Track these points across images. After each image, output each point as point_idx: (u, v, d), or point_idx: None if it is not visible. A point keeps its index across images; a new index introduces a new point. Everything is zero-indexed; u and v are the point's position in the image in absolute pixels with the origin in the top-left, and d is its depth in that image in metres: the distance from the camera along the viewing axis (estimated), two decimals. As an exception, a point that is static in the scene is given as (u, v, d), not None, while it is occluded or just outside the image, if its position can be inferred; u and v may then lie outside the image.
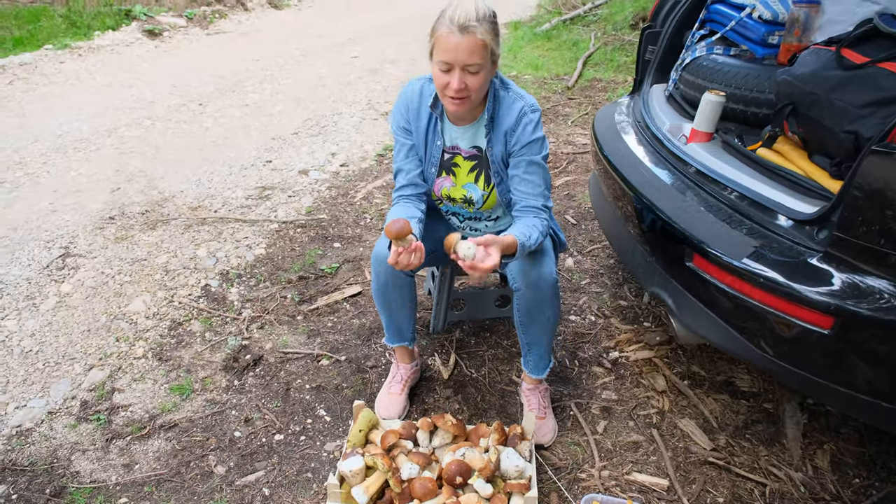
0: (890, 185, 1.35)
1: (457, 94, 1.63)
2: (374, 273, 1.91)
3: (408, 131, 1.88)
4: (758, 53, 2.13)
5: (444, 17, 1.62)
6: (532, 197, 1.80)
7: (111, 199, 3.54)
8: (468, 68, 1.62)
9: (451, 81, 1.63)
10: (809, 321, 1.45)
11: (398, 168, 1.92)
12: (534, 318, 1.87)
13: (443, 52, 1.62)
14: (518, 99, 1.79)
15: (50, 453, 1.97)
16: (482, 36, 1.60)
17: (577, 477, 1.87)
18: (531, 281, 1.79)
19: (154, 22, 7.74)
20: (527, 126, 1.76)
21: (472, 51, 1.60)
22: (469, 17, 1.58)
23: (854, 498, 1.79)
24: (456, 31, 1.58)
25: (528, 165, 1.78)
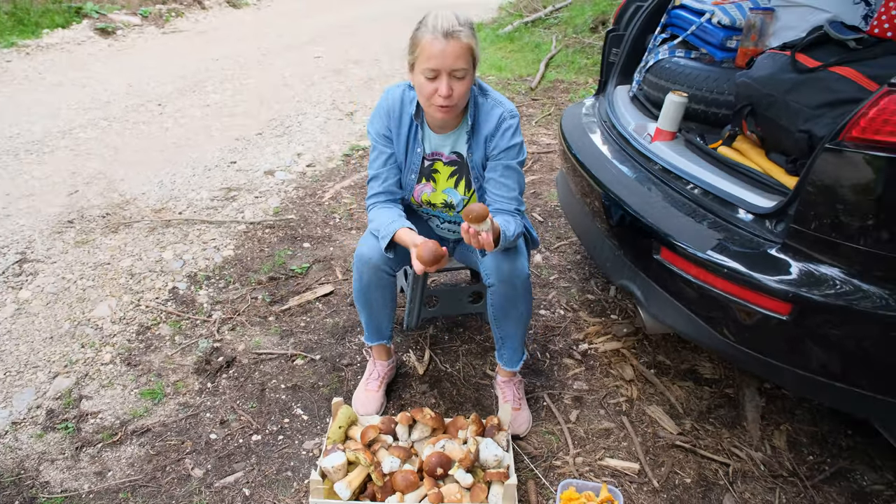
0: (841, 180, 1.45)
1: (445, 101, 1.66)
2: (357, 274, 1.92)
3: (388, 139, 1.90)
4: (717, 57, 2.23)
5: (425, 26, 1.66)
6: (506, 201, 1.85)
7: (69, 202, 3.44)
8: (455, 73, 1.65)
9: (439, 88, 1.65)
10: (769, 308, 1.54)
11: (375, 174, 1.94)
12: (507, 313, 1.92)
13: (429, 59, 1.64)
14: (497, 105, 1.84)
15: (16, 465, 1.91)
16: (467, 40, 1.64)
17: (553, 464, 1.92)
18: (504, 277, 1.84)
19: (107, 20, 7.52)
20: (506, 132, 1.81)
21: (458, 55, 1.63)
22: (452, 23, 1.63)
23: (809, 473, 1.90)
24: (441, 38, 1.61)
25: (504, 169, 1.83)
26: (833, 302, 1.46)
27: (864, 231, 1.42)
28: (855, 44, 1.65)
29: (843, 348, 1.53)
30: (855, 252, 1.44)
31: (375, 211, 1.91)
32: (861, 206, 1.41)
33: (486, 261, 1.86)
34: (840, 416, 2.09)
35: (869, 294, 1.43)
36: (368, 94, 5.66)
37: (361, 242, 1.91)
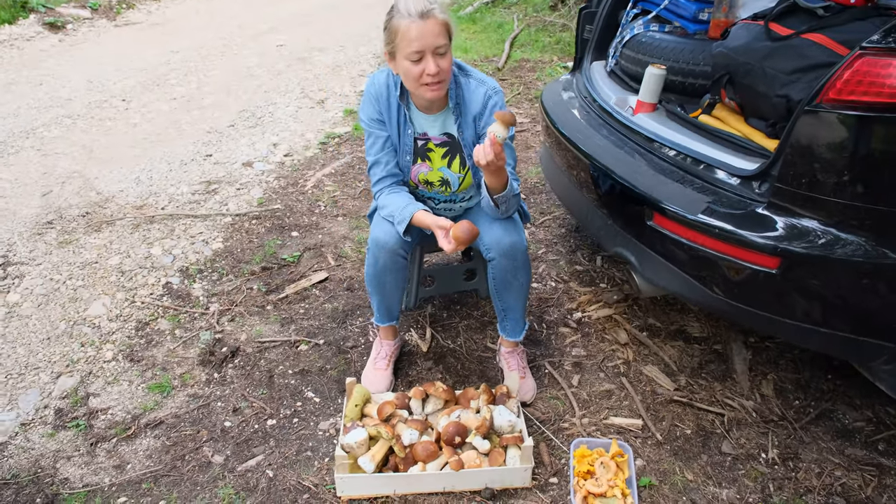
0: (820, 140, 1.55)
1: (435, 79, 1.71)
2: (373, 258, 1.96)
3: (381, 122, 1.94)
4: (690, 29, 2.33)
5: (398, 12, 1.69)
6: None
7: (44, 202, 3.37)
8: (438, 51, 1.71)
9: (426, 67, 1.70)
10: (759, 263, 1.65)
11: (375, 160, 1.98)
12: (509, 285, 1.99)
13: (411, 42, 1.68)
14: (480, 84, 1.89)
15: (32, 464, 1.92)
16: (442, 16, 1.70)
17: (561, 427, 2.02)
18: (505, 249, 1.91)
19: (55, 14, 7.24)
20: (493, 108, 1.87)
21: (438, 33, 1.69)
22: (423, 3, 1.67)
23: (796, 417, 2.04)
24: (418, 20, 1.66)
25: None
26: (818, 253, 1.58)
27: (844, 185, 1.53)
28: (823, 11, 1.76)
29: (826, 296, 1.65)
30: (836, 205, 1.55)
31: (384, 197, 1.95)
32: (839, 163, 1.52)
33: (486, 236, 1.93)
34: (819, 363, 2.24)
35: (850, 243, 1.55)
36: (337, 80, 5.63)
37: (375, 227, 1.95)
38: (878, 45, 1.43)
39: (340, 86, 5.49)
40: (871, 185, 1.51)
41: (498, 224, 1.92)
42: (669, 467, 1.88)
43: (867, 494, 1.78)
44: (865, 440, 1.96)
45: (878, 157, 1.49)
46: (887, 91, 1.41)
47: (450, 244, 1.75)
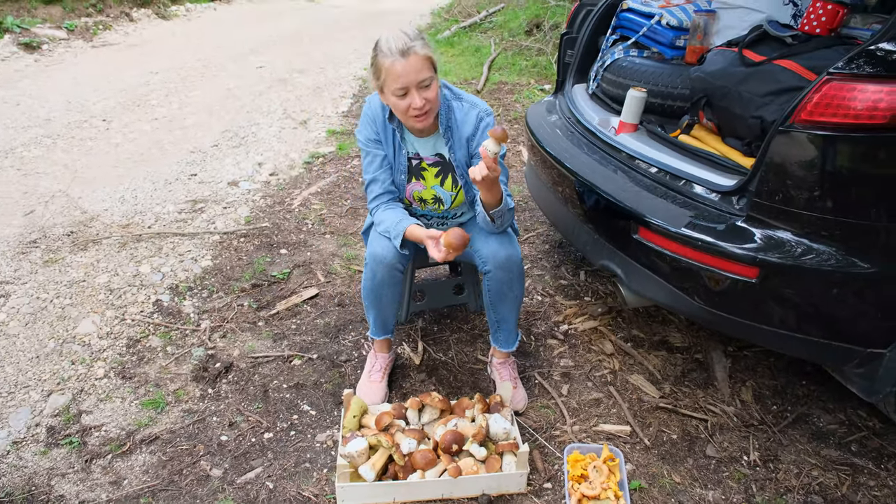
0: (791, 157, 1.67)
1: (420, 112, 1.80)
2: (371, 272, 2.01)
3: (378, 142, 2.02)
4: (667, 55, 2.47)
5: (380, 51, 1.78)
6: None
7: (27, 221, 3.34)
8: (422, 84, 1.79)
9: (412, 102, 1.79)
10: (739, 273, 1.76)
11: (372, 178, 2.05)
12: (504, 297, 2.07)
13: (396, 79, 1.76)
14: (472, 107, 1.98)
15: (25, 482, 1.90)
16: (423, 52, 1.77)
17: (553, 434, 2.09)
18: (501, 262, 1.99)
19: (30, 34, 7.20)
20: (486, 129, 1.95)
21: (420, 69, 1.77)
22: (404, 41, 1.74)
23: (775, 421, 2.14)
24: (399, 58, 1.74)
25: None
26: (793, 263, 1.69)
27: (815, 199, 1.64)
28: (791, 40, 1.90)
29: (801, 303, 1.76)
30: (809, 218, 1.67)
31: (380, 213, 2.02)
32: (811, 178, 1.64)
33: (483, 249, 2.01)
34: (794, 370, 2.35)
35: (822, 253, 1.66)
36: (318, 101, 5.70)
37: (373, 242, 2.01)
38: (844, 71, 1.56)
39: (322, 107, 5.56)
40: (839, 199, 1.63)
41: (494, 238, 1.99)
42: (658, 471, 1.95)
43: (843, 492, 1.88)
44: (839, 441, 2.06)
45: (845, 172, 1.61)
46: (852, 113, 1.53)
47: (440, 252, 1.81)
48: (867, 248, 1.63)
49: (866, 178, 1.59)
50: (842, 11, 1.93)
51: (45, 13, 7.91)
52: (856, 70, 1.55)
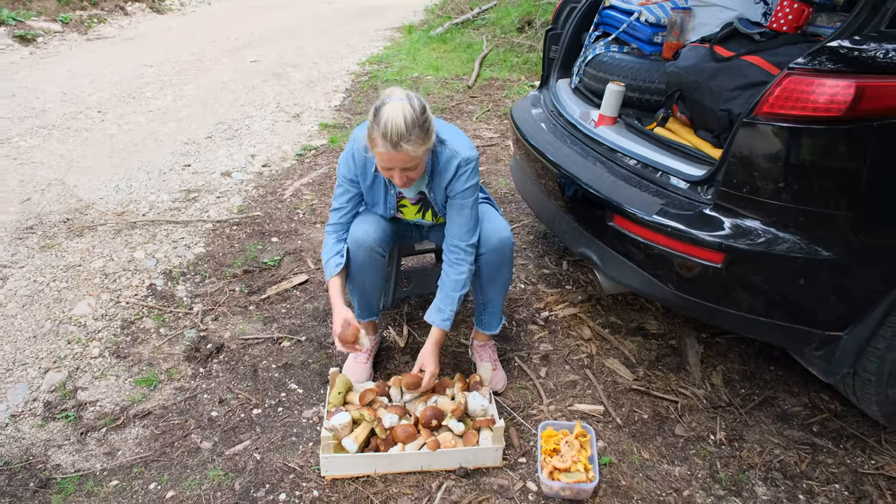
0: (755, 148, 1.76)
1: (401, 185, 1.88)
2: (352, 255, 2.09)
3: (354, 182, 2.07)
4: (646, 51, 2.56)
5: (377, 127, 1.73)
6: (458, 237, 2.02)
7: (24, 209, 3.41)
8: (406, 169, 1.82)
9: (393, 177, 1.85)
10: (706, 258, 1.85)
11: (339, 206, 2.11)
12: (493, 279, 2.15)
13: (381, 160, 1.81)
14: (454, 156, 1.95)
15: (23, 452, 1.98)
16: (413, 149, 1.75)
17: (529, 413, 2.18)
18: (494, 245, 2.07)
19: (25, 27, 7.24)
20: (461, 176, 1.96)
21: (407, 160, 1.79)
22: (400, 132, 1.71)
23: (742, 403, 2.24)
24: (390, 147, 1.74)
25: (460, 208, 2.00)
26: (756, 249, 1.78)
27: (778, 188, 1.74)
28: (759, 37, 1.99)
29: (764, 288, 1.86)
30: (772, 206, 1.76)
31: (327, 241, 2.12)
32: (773, 168, 1.74)
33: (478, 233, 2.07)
34: (764, 356, 2.45)
35: (785, 240, 1.76)
36: (311, 95, 5.77)
37: (354, 227, 2.09)
38: (803, 66, 1.65)
39: (315, 101, 5.63)
40: (800, 188, 1.72)
41: (488, 222, 2.07)
42: (628, 448, 2.05)
43: (802, 469, 1.98)
44: (802, 423, 2.16)
45: (804, 163, 1.70)
46: (810, 105, 1.63)
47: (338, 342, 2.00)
48: (826, 235, 1.73)
49: (824, 169, 1.69)
50: (807, 10, 2.02)
51: (40, 6, 7.95)
52: (814, 65, 1.64)
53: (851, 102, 1.56)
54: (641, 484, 1.92)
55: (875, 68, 1.58)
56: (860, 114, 1.57)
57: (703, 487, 1.91)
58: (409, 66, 6.68)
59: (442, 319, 2.06)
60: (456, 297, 2.06)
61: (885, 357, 1.84)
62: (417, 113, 1.75)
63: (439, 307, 2.07)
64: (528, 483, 1.90)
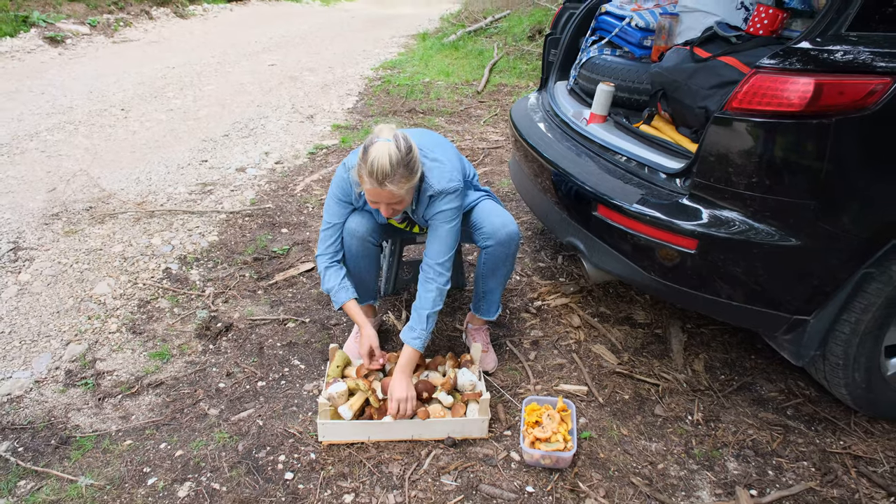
0: (726, 141, 1.88)
1: (387, 216, 2.02)
2: (346, 245, 2.23)
3: (348, 204, 2.21)
4: (636, 54, 2.70)
5: (364, 165, 1.86)
6: (431, 256, 2.11)
7: (50, 197, 3.62)
8: (391, 203, 1.95)
9: (380, 209, 1.99)
10: (682, 245, 1.98)
11: (331, 224, 2.21)
12: (496, 270, 2.27)
13: (368, 195, 1.95)
14: (427, 190, 2.04)
15: (46, 413, 2.15)
16: (397, 187, 1.87)
17: (517, 392, 2.31)
18: (502, 239, 2.18)
19: (55, 29, 7.55)
20: (434, 205, 2.08)
21: (391, 196, 1.91)
22: (384, 171, 1.83)
23: (721, 388, 2.35)
24: (376, 185, 1.87)
25: (435, 230, 2.11)
26: (728, 236, 1.90)
27: (747, 178, 1.86)
28: (735, 39, 2.12)
29: (735, 273, 1.97)
30: (742, 196, 1.88)
31: (327, 270, 2.21)
32: (742, 160, 1.86)
33: (485, 225, 2.18)
34: (745, 346, 2.56)
35: (754, 228, 1.88)
36: (325, 98, 5.97)
37: (349, 220, 2.22)
38: (770, 65, 1.78)
39: (329, 103, 5.82)
40: (767, 178, 1.84)
41: (496, 216, 2.19)
42: (608, 424, 2.17)
43: (773, 448, 2.08)
44: (777, 406, 2.27)
45: (771, 154, 1.82)
46: (775, 101, 1.75)
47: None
48: (791, 223, 1.84)
49: (788, 160, 1.81)
50: (781, 15, 2.15)
51: (70, 9, 8.28)
52: (780, 65, 1.77)
53: (811, 98, 1.69)
54: (619, 457, 2.04)
55: (834, 67, 1.70)
56: (819, 109, 1.69)
57: (678, 462, 2.03)
58: (421, 71, 6.87)
59: (412, 338, 2.08)
60: (425, 315, 2.09)
61: (851, 341, 1.95)
62: (403, 153, 1.86)
63: (411, 326, 2.11)
64: (512, 453, 2.03)
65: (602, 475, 1.95)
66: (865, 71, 1.69)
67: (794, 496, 1.89)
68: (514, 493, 1.88)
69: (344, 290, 2.20)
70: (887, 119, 1.68)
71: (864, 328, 1.92)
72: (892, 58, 1.69)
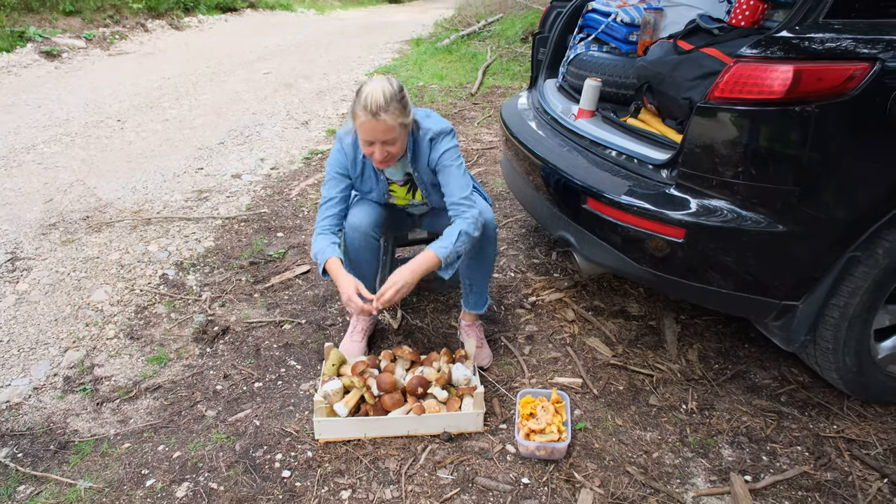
0: (710, 131, 1.91)
1: (380, 164, 2.06)
2: (349, 239, 2.26)
3: (345, 176, 2.24)
4: (623, 49, 2.73)
5: (359, 101, 1.95)
6: (453, 195, 2.13)
7: (47, 208, 3.65)
8: (386, 142, 2.01)
9: (374, 152, 2.03)
10: (670, 234, 1.99)
11: (330, 197, 2.23)
12: (477, 258, 2.29)
13: (363, 133, 1.99)
14: (426, 134, 2.13)
15: (44, 419, 2.17)
16: (391, 119, 1.94)
17: (512, 386, 2.32)
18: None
19: (51, 43, 7.60)
20: (436, 146, 2.14)
21: (386, 130, 1.96)
22: (378, 102, 1.91)
23: (715, 377, 2.36)
24: (370, 117, 1.93)
25: (447, 170, 2.15)
26: (715, 224, 1.92)
27: (732, 166, 1.88)
28: (718, 31, 2.14)
29: (724, 261, 1.99)
30: (727, 184, 1.90)
31: (316, 237, 2.20)
32: (726, 149, 1.88)
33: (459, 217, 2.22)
34: (739, 335, 2.57)
35: (741, 215, 1.89)
36: (320, 104, 6.01)
37: (350, 214, 2.26)
38: (751, 55, 1.81)
39: (324, 109, 5.86)
40: (752, 166, 1.86)
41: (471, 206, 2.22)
42: (603, 415, 2.18)
43: (767, 434, 2.10)
44: (770, 394, 2.28)
45: (755, 142, 1.84)
46: (756, 89, 1.77)
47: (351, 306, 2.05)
48: (776, 209, 1.86)
49: (771, 147, 1.83)
50: (762, 7, 2.18)
51: (66, 24, 8.34)
52: (760, 54, 1.79)
53: (791, 85, 1.71)
54: (614, 447, 2.05)
55: (812, 55, 1.73)
56: (800, 95, 1.71)
57: (672, 450, 2.04)
58: (415, 75, 6.91)
59: (439, 246, 2.06)
60: (457, 231, 2.06)
61: (840, 326, 1.96)
62: (395, 90, 1.96)
63: (440, 239, 2.09)
64: (508, 446, 2.05)
65: (597, 465, 1.96)
66: (844, 57, 1.72)
67: (788, 480, 1.90)
68: (510, 484, 1.89)
69: (331, 249, 2.16)
70: (866, 104, 1.70)
71: (853, 312, 1.94)
72: (869, 44, 1.71)
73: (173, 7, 10.25)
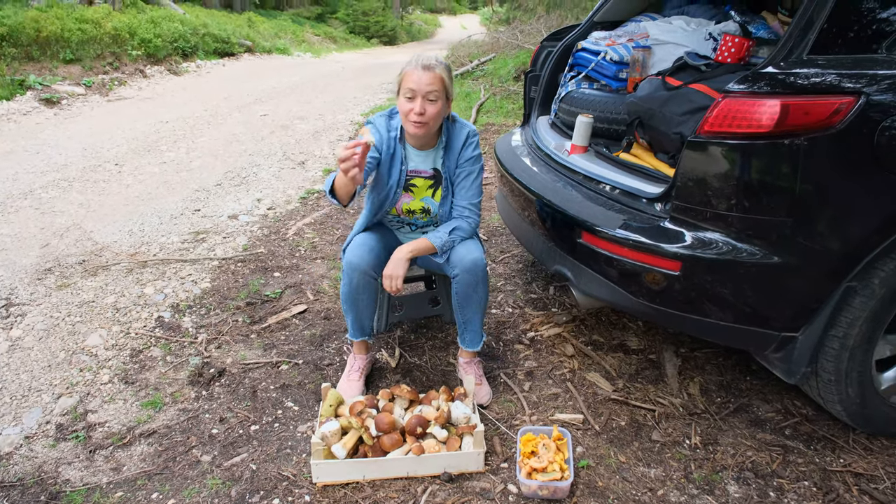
0: (702, 164, 1.93)
1: (418, 118, 2.11)
2: (347, 278, 2.27)
3: (373, 157, 2.27)
4: (613, 86, 2.78)
5: (409, 63, 2.16)
6: (464, 200, 2.33)
7: (43, 253, 3.64)
8: (428, 96, 2.11)
9: (414, 107, 2.12)
10: (665, 267, 2.00)
11: None
12: (469, 298, 2.30)
13: (409, 82, 2.12)
14: (464, 126, 2.35)
15: (35, 469, 2.12)
16: (440, 72, 2.13)
17: (513, 423, 2.29)
18: (467, 266, 2.23)
19: (51, 91, 7.72)
20: (470, 146, 2.32)
21: (432, 82, 2.11)
22: (430, 60, 2.13)
23: (717, 410, 2.33)
24: (420, 68, 2.11)
25: (467, 176, 2.32)
26: (711, 256, 1.93)
27: (723, 200, 1.90)
28: (705, 68, 2.19)
29: (721, 293, 1.99)
30: (721, 217, 1.92)
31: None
32: (717, 182, 1.90)
33: (451, 256, 2.26)
34: (741, 368, 2.55)
35: (736, 247, 1.90)
36: (316, 144, 6.08)
37: (349, 253, 2.27)
38: (739, 90, 1.84)
39: (320, 149, 5.93)
40: (744, 198, 1.87)
41: (460, 245, 2.27)
42: (605, 452, 2.14)
43: (773, 469, 2.06)
44: (775, 427, 2.25)
45: (745, 175, 1.86)
46: (745, 123, 1.80)
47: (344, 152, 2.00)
48: (771, 241, 1.87)
49: (762, 180, 1.85)
50: (747, 44, 2.23)
51: (66, 71, 8.49)
52: (748, 89, 1.83)
53: (778, 119, 1.74)
54: (618, 485, 2.01)
55: (798, 89, 1.77)
56: (787, 129, 1.74)
57: (678, 487, 2.00)
58: (409, 114, 7.02)
59: (434, 236, 2.26)
60: (452, 226, 2.29)
61: (841, 357, 1.95)
62: (444, 60, 2.19)
63: (436, 231, 2.31)
64: (510, 485, 2.00)
65: (601, 504, 1.92)
66: (829, 91, 1.75)
67: (796, 517, 1.86)
68: (513, 526, 1.85)
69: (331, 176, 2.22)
70: (853, 136, 1.73)
71: (853, 343, 1.93)
72: (853, 78, 1.75)
73: (172, 53, 10.47)
